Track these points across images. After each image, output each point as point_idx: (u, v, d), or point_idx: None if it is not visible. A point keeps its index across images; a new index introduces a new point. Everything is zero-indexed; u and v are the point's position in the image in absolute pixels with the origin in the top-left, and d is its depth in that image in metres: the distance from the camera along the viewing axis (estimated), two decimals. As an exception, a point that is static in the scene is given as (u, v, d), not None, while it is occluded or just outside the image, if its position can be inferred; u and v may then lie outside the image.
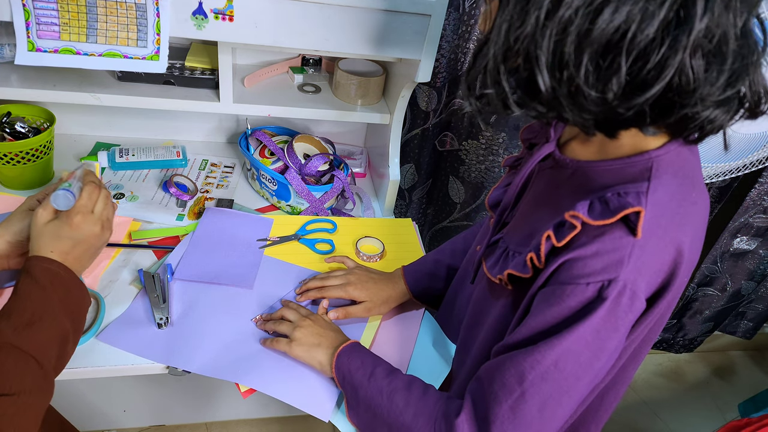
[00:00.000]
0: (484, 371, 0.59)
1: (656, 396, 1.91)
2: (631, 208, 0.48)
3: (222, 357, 0.77)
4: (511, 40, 0.45)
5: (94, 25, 0.82)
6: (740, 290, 1.73)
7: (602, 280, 0.49)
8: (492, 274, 0.62)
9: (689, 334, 1.86)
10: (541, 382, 0.52)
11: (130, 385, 1.37)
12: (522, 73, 0.46)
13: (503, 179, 0.73)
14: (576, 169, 0.56)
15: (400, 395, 0.64)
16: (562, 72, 0.44)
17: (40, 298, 0.65)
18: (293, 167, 1.05)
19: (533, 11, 0.42)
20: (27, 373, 0.59)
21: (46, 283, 0.66)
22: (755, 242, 1.57)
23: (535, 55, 0.44)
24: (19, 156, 0.95)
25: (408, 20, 0.91)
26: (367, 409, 0.67)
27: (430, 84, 1.16)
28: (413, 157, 1.33)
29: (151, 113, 1.16)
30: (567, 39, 0.42)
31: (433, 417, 0.61)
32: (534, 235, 0.58)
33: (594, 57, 0.42)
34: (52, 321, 0.64)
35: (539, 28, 0.43)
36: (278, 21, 0.87)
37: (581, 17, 0.41)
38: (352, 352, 0.72)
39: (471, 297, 0.75)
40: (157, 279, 0.84)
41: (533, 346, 0.53)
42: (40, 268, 0.67)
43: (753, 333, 1.92)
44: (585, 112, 0.46)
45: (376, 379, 0.67)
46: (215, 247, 0.94)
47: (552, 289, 0.53)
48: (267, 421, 1.61)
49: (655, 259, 0.50)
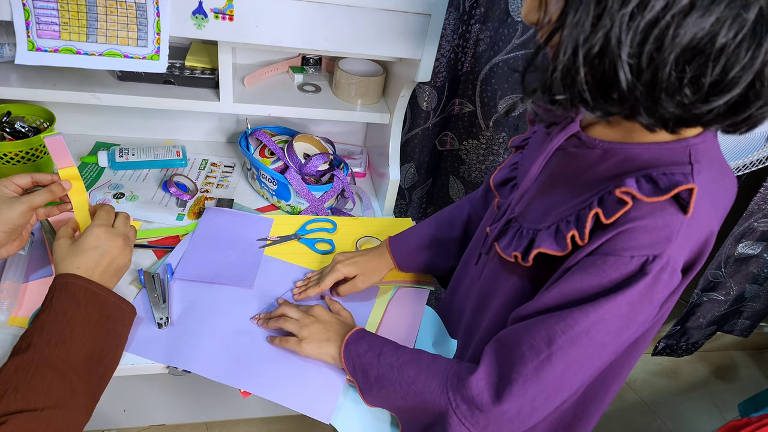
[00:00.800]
0: (506, 334, 0.60)
1: (656, 395, 1.91)
2: (685, 185, 0.48)
3: (222, 357, 0.77)
4: (593, 41, 0.42)
5: (94, 24, 0.82)
6: (743, 294, 1.72)
7: (647, 255, 0.51)
8: (507, 254, 0.63)
9: (692, 338, 1.85)
10: (569, 346, 0.54)
11: (130, 385, 1.37)
12: (597, 74, 0.45)
13: (510, 159, 0.73)
14: (607, 150, 0.56)
15: (411, 366, 0.66)
16: (645, 74, 0.43)
17: (75, 315, 0.65)
18: (293, 167, 1.05)
19: (617, 10, 0.41)
20: (53, 388, 0.59)
21: (81, 300, 0.67)
22: (759, 246, 1.57)
23: (618, 55, 0.42)
24: (19, 155, 0.95)
25: (408, 20, 0.91)
26: (381, 387, 0.68)
27: (430, 83, 1.16)
28: (413, 157, 1.33)
29: (151, 113, 1.16)
30: (652, 40, 0.41)
31: (444, 378, 0.63)
32: (549, 212, 0.59)
33: (680, 60, 0.42)
34: (87, 337, 0.65)
35: (624, 28, 0.41)
36: (278, 20, 0.87)
37: (668, 19, 0.40)
38: (358, 338, 0.73)
39: (475, 283, 0.76)
40: (157, 279, 0.84)
41: (567, 311, 0.54)
42: (77, 285, 0.68)
43: (750, 330, 1.91)
44: (661, 112, 0.45)
45: (386, 357, 0.68)
46: (215, 247, 0.94)
47: (593, 259, 0.53)
48: (267, 420, 1.61)
49: (695, 238, 0.52)
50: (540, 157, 0.61)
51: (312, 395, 0.74)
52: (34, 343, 0.61)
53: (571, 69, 0.44)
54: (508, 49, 1.10)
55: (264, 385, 0.74)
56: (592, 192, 0.56)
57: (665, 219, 0.50)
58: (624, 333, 0.54)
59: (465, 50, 1.14)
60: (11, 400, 0.56)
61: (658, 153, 0.53)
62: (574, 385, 0.57)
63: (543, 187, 0.63)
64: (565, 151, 0.61)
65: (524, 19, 0.50)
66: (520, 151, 0.73)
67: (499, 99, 1.17)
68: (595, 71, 0.44)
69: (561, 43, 0.44)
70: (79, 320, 0.65)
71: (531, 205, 0.64)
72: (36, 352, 0.61)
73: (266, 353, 0.78)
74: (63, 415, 0.59)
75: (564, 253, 0.56)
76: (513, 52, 1.10)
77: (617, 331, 0.53)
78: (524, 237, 0.62)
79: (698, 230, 0.52)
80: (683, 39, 0.40)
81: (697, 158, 0.52)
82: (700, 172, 0.51)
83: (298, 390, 0.74)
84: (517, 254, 0.61)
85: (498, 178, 0.72)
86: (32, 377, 0.59)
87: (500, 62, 1.12)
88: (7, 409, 0.56)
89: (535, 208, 0.63)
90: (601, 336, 0.53)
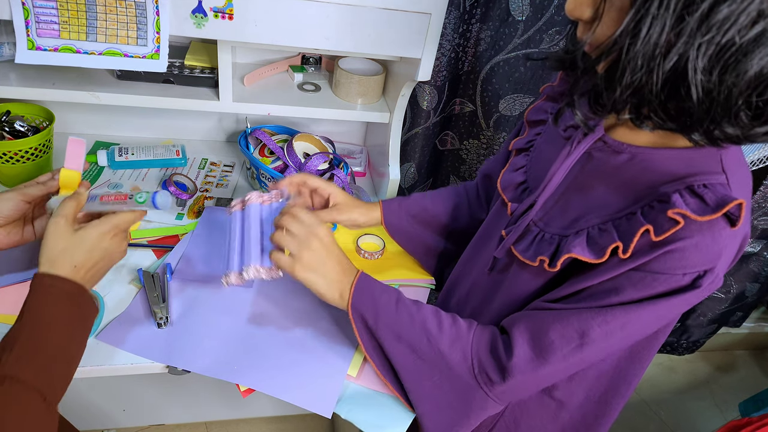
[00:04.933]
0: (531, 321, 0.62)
1: (656, 395, 1.90)
2: (735, 201, 0.49)
3: (222, 356, 0.76)
4: (669, 59, 0.42)
5: (94, 23, 0.82)
6: (744, 292, 1.72)
7: (698, 271, 0.52)
8: (526, 257, 0.63)
9: (693, 336, 1.85)
10: (603, 339, 0.57)
11: (130, 385, 1.37)
12: (666, 91, 0.44)
13: (513, 161, 0.72)
14: (634, 154, 0.55)
15: (432, 322, 0.67)
16: (713, 96, 0.43)
17: (51, 325, 0.58)
18: (293, 166, 1.05)
19: (696, 31, 0.40)
20: (29, 410, 0.53)
21: (59, 307, 0.60)
22: (759, 245, 1.57)
23: (694, 75, 0.42)
24: (19, 155, 0.94)
25: (408, 19, 0.91)
26: (390, 332, 0.68)
27: (430, 83, 1.16)
28: (413, 156, 1.33)
29: (151, 112, 1.16)
30: (724, 64, 0.41)
31: (468, 349, 0.64)
32: (577, 219, 0.60)
33: (749, 86, 0.42)
34: (62, 347, 0.59)
35: (703, 50, 0.41)
36: (278, 19, 0.87)
37: (742, 44, 0.40)
38: (369, 282, 0.71)
39: (480, 285, 0.76)
40: (156, 278, 0.84)
41: (607, 308, 0.56)
42: (57, 289, 0.60)
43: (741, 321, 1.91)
44: (717, 133, 0.45)
45: (404, 305, 0.69)
46: (215, 247, 0.94)
47: (642, 276, 0.54)
48: (267, 420, 1.60)
49: (738, 243, 0.54)
50: (566, 161, 0.60)
51: (312, 390, 0.74)
52: (4, 360, 0.54)
53: (641, 83, 0.44)
54: (509, 49, 1.09)
55: (264, 380, 0.74)
56: (627, 201, 0.56)
57: (714, 235, 0.51)
58: (653, 327, 0.57)
59: (465, 49, 1.14)
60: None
61: (690, 159, 0.53)
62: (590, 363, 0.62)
63: (566, 192, 0.62)
64: (587, 155, 0.60)
65: (570, 15, 0.49)
66: (524, 154, 0.71)
67: (500, 99, 1.17)
68: (663, 87, 0.44)
69: (629, 55, 0.43)
70: (56, 330, 0.59)
71: (552, 210, 0.63)
72: (7, 370, 0.54)
73: (266, 351, 0.78)
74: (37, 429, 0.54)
75: (599, 261, 0.56)
76: (514, 52, 1.10)
77: (650, 327, 0.56)
78: (548, 242, 0.62)
79: (740, 235, 0.54)
80: (756, 66, 0.40)
81: (728, 164, 0.52)
82: (734, 179, 0.52)
83: (298, 385, 0.74)
84: (544, 258, 0.61)
85: (505, 182, 0.71)
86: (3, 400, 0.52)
87: (501, 62, 1.12)
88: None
89: (558, 214, 0.62)
90: (635, 331, 0.56)
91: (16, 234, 0.72)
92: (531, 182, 0.68)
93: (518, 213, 0.67)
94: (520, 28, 1.06)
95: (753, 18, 0.38)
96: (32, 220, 0.74)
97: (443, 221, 0.91)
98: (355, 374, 0.77)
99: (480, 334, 0.66)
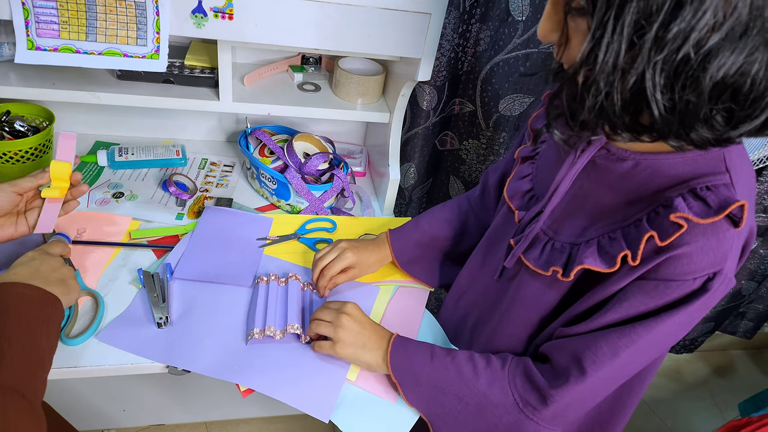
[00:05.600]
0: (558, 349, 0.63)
1: (656, 395, 1.90)
2: (737, 203, 0.49)
3: (222, 356, 0.76)
4: (626, 81, 0.43)
5: (94, 23, 0.82)
6: (741, 290, 1.72)
7: (707, 274, 0.53)
8: (537, 266, 0.64)
9: (690, 334, 1.86)
10: (632, 356, 0.58)
11: (130, 385, 1.37)
12: (629, 108, 0.45)
13: (519, 169, 0.72)
14: (638, 161, 0.56)
15: (467, 367, 0.68)
16: (677, 108, 0.43)
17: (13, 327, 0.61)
18: (293, 166, 1.05)
19: (651, 53, 0.41)
20: (10, 409, 0.55)
21: (18, 309, 0.62)
22: (756, 242, 1.57)
23: (653, 94, 0.42)
24: (19, 155, 0.94)
25: (408, 19, 0.91)
26: (434, 387, 0.70)
27: (430, 83, 1.16)
28: (413, 157, 1.33)
29: (151, 112, 1.16)
30: (684, 78, 0.41)
31: (506, 385, 0.66)
32: (587, 227, 0.60)
33: (713, 95, 0.42)
34: (30, 346, 0.61)
35: (658, 70, 0.41)
36: (278, 19, 0.87)
37: (700, 58, 0.40)
38: (403, 342, 0.74)
39: (489, 294, 0.76)
40: (156, 278, 0.84)
41: (630, 327, 0.57)
42: (11, 293, 0.64)
43: (753, 332, 1.91)
44: (692, 137, 0.46)
45: (439, 357, 0.71)
46: (215, 247, 0.94)
47: (654, 284, 0.55)
48: (267, 420, 1.60)
49: (743, 242, 0.55)
50: (570, 170, 0.61)
51: (311, 393, 0.74)
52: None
53: (604, 104, 0.45)
54: (508, 49, 1.09)
55: (264, 382, 0.74)
56: (634, 208, 0.56)
57: (719, 237, 0.51)
58: (680, 335, 0.58)
59: (465, 49, 1.14)
60: None
61: (694, 162, 0.53)
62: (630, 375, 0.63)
63: (573, 200, 0.63)
64: (593, 163, 0.60)
65: (541, 40, 0.50)
66: (530, 162, 0.72)
67: (500, 99, 1.17)
68: (627, 106, 0.45)
69: (590, 79, 0.44)
70: (21, 331, 0.61)
71: (560, 218, 0.64)
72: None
73: (266, 352, 0.78)
74: None
75: (611, 270, 0.57)
76: (514, 52, 1.10)
77: (675, 336, 0.57)
78: (559, 251, 0.62)
79: (744, 233, 0.54)
80: (716, 76, 0.40)
81: (732, 163, 0.52)
82: (738, 180, 0.52)
83: (297, 388, 0.74)
84: (557, 269, 0.61)
85: (512, 191, 0.72)
86: None
87: (501, 62, 1.12)
88: None
89: (566, 222, 0.63)
90: (662, 341, 0.58)
91: (10, 227, 0.74)
92: (537, 190, 0.68)
93: (526, 221, 0.67)
94: (519, 28, 1.06)
95: (706, 31, 0.39)
96: (24, 213, 0.75)
97: (450, 244, 0.92)
98: (354, 378, 0.77)
99: (515, 368, 0.67)
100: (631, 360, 0.58)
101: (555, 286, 0.64)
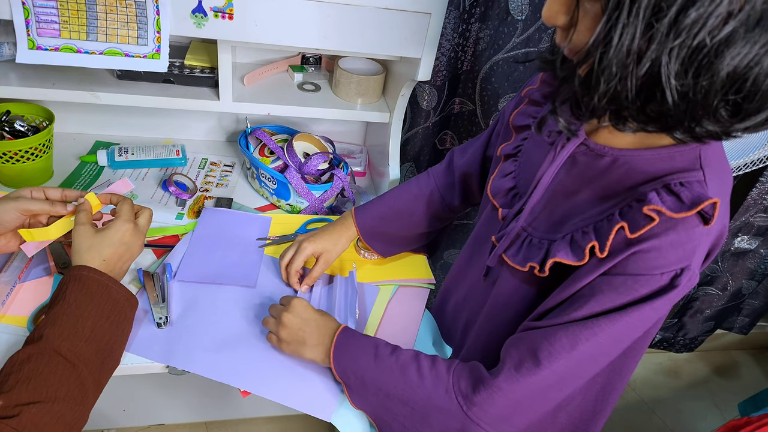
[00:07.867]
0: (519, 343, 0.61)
1: (656, 395, 1.90)
2: (709, 200, 0.49)
3: (221, 357, 0.76)
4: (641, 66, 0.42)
5: (94, 23, 0.82)
6: (741, 289, 1.73)
7: (675, 270, 0.53)
8: (515, 263, 0.63)
9: (690, 333, 1.86)
10: (591, 349, 0.56)
11: (130, 385, 1.37)
12: (642, 96, 0.45)
13: (502, 167, 0.72)
14: (616, 157, 0.56)
15: (412, 369, 0.66)
16: (689, 98, 0.43)
17: (88, 308, 0.66)
18: (293, 166, 1.05)
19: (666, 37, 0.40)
20: (64, 381, 0.60)
21: (95, 293, 0.67)
22: (756, 242, 1.57)
23: (667, 80, 0.42)
24: (19, 155, 0.94)
25: (408, 18, 0.91)
26: (378, 390, 0.68)
27: (430, 82, 1.16)
28: (413, 156, 1.33)
29: (151, 112, 1.16)
30: (698, 66, 0.41)
31: (450, 384, 0.64)
32: (563, 222, 0.60)
33: (725, 85, 0.42)
34: (98, 331, 0.65)
35: (674, 55, 0.41)
36: (278, 19, 0.87)
37: (714, 46, 0.40)
38: (347, 340, 0.72)
39: (476, 292, 0.76)
40: (156, 278, 0.84)
41: (593, 320, 0.56)
42: (92, 279, 0.68)
43: (749, 328, 1.92)
44: (698, 130, 0.46)
45: (382, 359, 0.68)
46: (215, 247, 0.94)
47: (623, 280, 0.54)
48: (267, 420, 1.60)
49: (711, 240, 0.54)
50: (551, 167, 0.61)
51: (312, 393, 0.74)
52: (46, 334, 0.61)
53: (617, 89, 0.45)
54: (508, 48, 1.09)
55: (264, 384, 0.74)
56: (608, 203, 0.56)
57: (688, 233, 0.52)
58: (641, 331, 0.57)
59: (465, 49, 1.14)
60: (23, 390, 0.56)
61: (670, 158, 0.53)
62: (587, 377, 0.61)
63: (553, 196, 0.63)
64: (572, 159, 0.60)
65: (546, 22, 0.49)
66: (512, 159, 0.71)
67: (500, 98, 1.17)
68: (639, 93, 0.44)
69: (603, 64, 0.44)
70: (92, 314, 0.65)
71: (540, 215, 0.63)
72: (48, 343, 0.61)
73: (266, 353, 0.78)
74: (72, 408, 0.59)
75: (581, 263, 0.56)
76: (513, 51, 1.10)
77: (636, 331, 0.56)
78: (537, 246, 0.62)
79: (714, 232, 0.54)
80: (729, 65, 0.40)
81: (707, 161, 0.53)
82: (712, 178, 0.52)
83: (298, 388, 0.74)
84: (533, 264, 0.61)
85: (495, 189, 0.71)
86: (44, 368, 0.59)
87: (500, 61, 1.12)
88: (19, 400, 0.56)
89: (545, 218, 0.63)
90: (622, 336, 0.56)
91: (15, 244, 0.75)
92: (521, 187, 0.68)
93: (509, 218, 0.67)
94: (519, 27, 1.06)
95: (722, 19, 0.39)
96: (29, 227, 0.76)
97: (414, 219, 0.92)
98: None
99: (461, 369, 0.65)
100: (589, 354, 0.57)
101: (533, 283, 0.64)
